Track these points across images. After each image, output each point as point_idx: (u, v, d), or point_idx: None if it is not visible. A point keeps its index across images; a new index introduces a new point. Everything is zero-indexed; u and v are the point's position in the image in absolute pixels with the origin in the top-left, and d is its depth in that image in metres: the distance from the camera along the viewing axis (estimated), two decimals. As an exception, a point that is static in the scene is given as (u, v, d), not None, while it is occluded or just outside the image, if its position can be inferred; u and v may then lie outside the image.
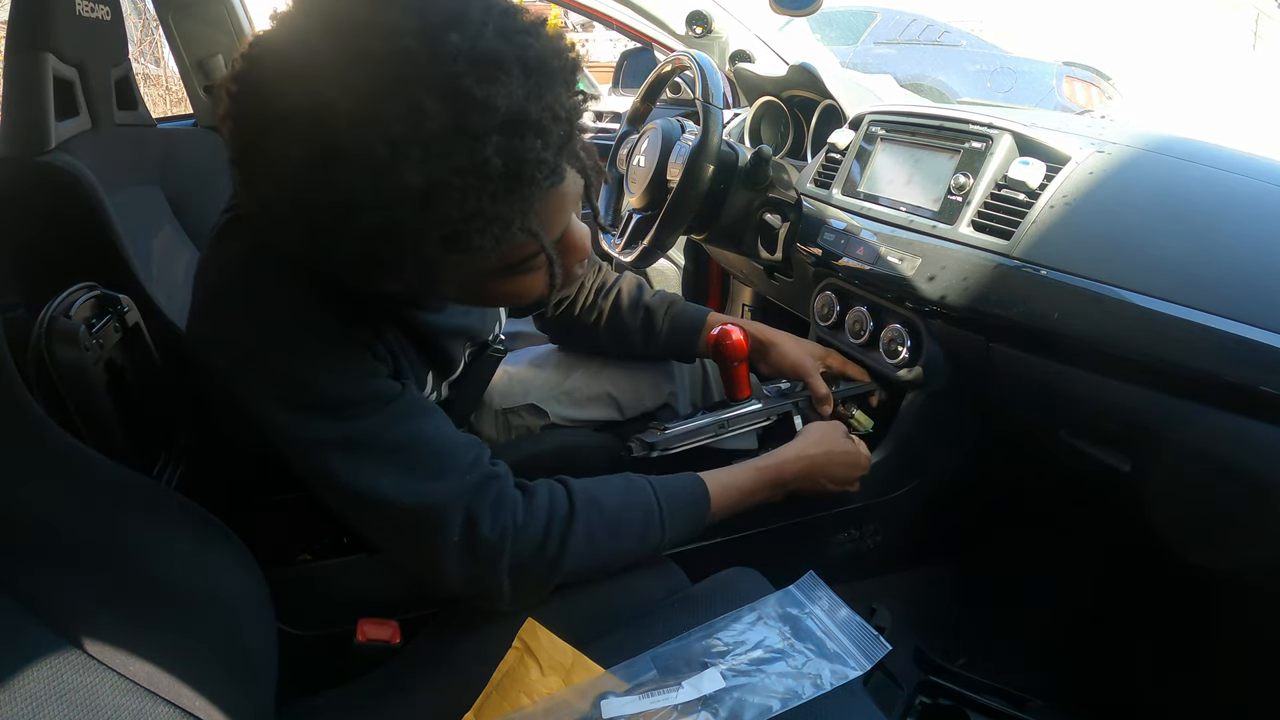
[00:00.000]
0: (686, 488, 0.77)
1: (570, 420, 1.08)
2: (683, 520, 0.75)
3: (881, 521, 1.02)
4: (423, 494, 0.63)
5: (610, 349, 1.08)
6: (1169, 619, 1.02)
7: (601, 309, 1.05)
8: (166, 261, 1.22)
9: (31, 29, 1.02)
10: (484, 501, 0.65)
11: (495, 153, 0.48)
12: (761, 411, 0.96)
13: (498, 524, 0.65)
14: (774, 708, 0.58)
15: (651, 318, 1.03)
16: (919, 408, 0.99)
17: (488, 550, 0.64)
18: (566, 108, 0.52)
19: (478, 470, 0.66)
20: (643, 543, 0.72)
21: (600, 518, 0.69)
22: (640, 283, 1.07)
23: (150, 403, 0.83)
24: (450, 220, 0.50)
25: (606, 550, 0.70)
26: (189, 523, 0.63)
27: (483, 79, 0.47)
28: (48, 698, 0.42)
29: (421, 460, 0.64)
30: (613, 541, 0.70)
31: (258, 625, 0.62)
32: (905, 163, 1.02)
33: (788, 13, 1.44)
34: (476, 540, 0.64)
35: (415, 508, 0.63)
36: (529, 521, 0.66)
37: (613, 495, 0.72)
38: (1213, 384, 0.68)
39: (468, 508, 0.64)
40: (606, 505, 0.70)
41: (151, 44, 4.90)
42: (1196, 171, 0.81)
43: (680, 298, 1.06)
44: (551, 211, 0.58)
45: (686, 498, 0.76)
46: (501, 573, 0.65)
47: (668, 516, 0.73)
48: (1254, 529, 0.74)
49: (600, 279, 1.07)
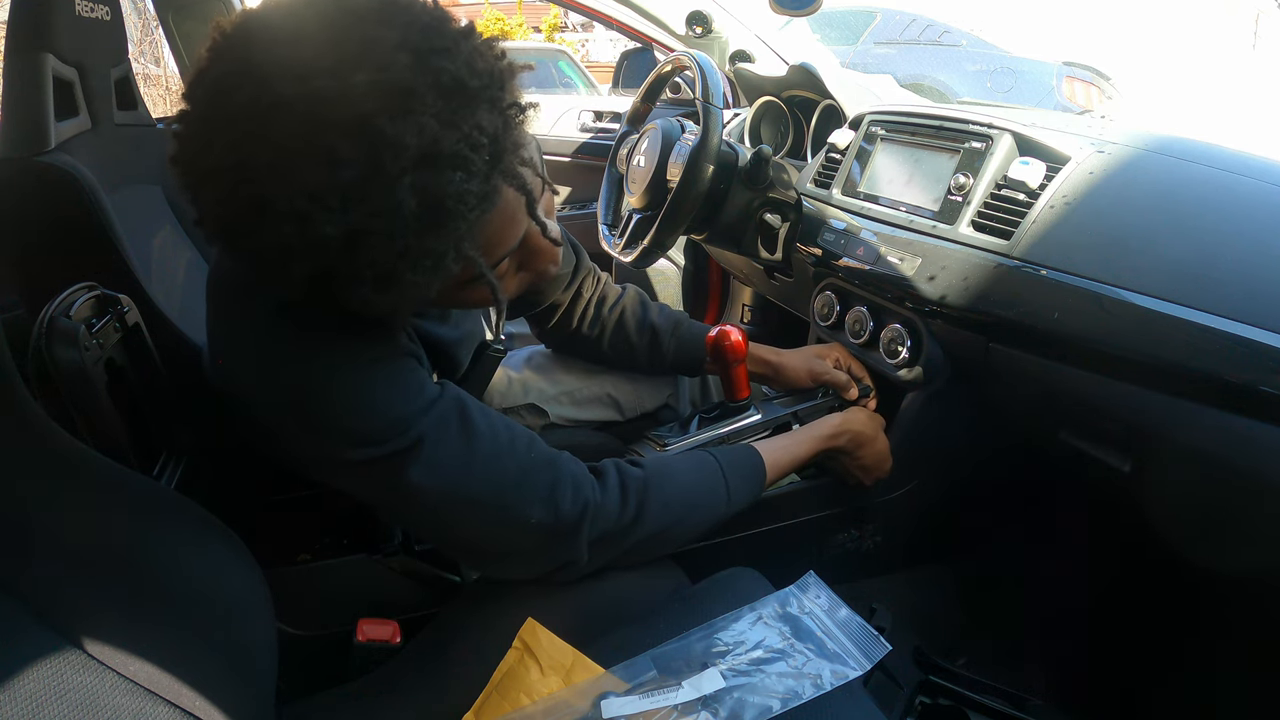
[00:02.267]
0: (743, 453, 0.81)
1: (570, 420, 1.08)
2: (745, 484, 0.78)
3: (881, 521, 1.02)
4: (499, 479, 0.65)
5: (613, 363, 1.08)
6: (1169, 619, 1.02)
7: (605, 325, 1.04)
8: (166, 261, 1.23)
9: (31, 29, 1.02)
10: (560, 479, 0.67)
11: (411, 193, 0.47)
12: (762, 423, 0.96)
13: (578, 499, 0.67)
14: (774, 708, 0.58)
15: (658, 338, 1.03)
16: (919, 408, 0.99)
17: (569, 526, 0.66)
18: (489, 131, 0.50)
19: (538, 450, 0.68)
20: (712, 508, 0.76)
21: (673, 485, 0.73)
22: (645, 299, 1.07)
23: (150, 403, 0.83)
24: (378, 262, 0.49)
25: (680, 515, 0.73)
26: (189, 523, 0.63)
27: (394, 114, 0.46)
28: (48, 698, 0.42)
29: (483, 447, 0.65)
30: (687, 509, 0.74)
31: (258, 625, 0.62)
32: (905, 163, 1.02)
33: (788, 13, 1.44)
34: (559, 517, 0.66)
35: (494, 493, 0.64)
36: (605, 497, 0.69)
37: (681, 464, 0.76)
38: (1213, 384, 0.68)
39: (548, 485, 0.66)
40: (677, 474, 0.74)
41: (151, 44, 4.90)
42: (1196, 171, 0.80)
43: (686, 317, 1.06)
44: (493, 233, 0.56)
45: (746, 462, 0.80)
46: (581, 546, 0.68)
47: (732, 480, 0.77)
48: (1254, 529, 0.74)
49: (601, 292, 1.05)
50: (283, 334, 0.60)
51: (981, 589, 1.13)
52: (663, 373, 1.10)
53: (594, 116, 2.29)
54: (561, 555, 0.68)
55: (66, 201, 0.99)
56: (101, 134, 1.16)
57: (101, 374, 0.74)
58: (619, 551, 0.71)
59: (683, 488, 0.74)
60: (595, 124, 2.28)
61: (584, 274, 1.03)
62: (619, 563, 0.72)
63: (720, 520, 0.77)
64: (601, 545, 0.69)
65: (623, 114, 1.39)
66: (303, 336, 0.60)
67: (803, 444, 0.86)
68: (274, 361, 0.60)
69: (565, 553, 0.68)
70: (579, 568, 0.69)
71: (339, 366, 0.60)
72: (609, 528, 0.69)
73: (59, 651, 0.44)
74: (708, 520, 0.76)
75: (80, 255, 1.01)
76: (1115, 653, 1.04)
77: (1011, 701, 0.91)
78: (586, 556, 0.69)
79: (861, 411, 0.95)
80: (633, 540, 0.71)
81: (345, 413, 0.60)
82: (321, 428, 0.60)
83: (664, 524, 0.72)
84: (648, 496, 0.71)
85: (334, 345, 0.60)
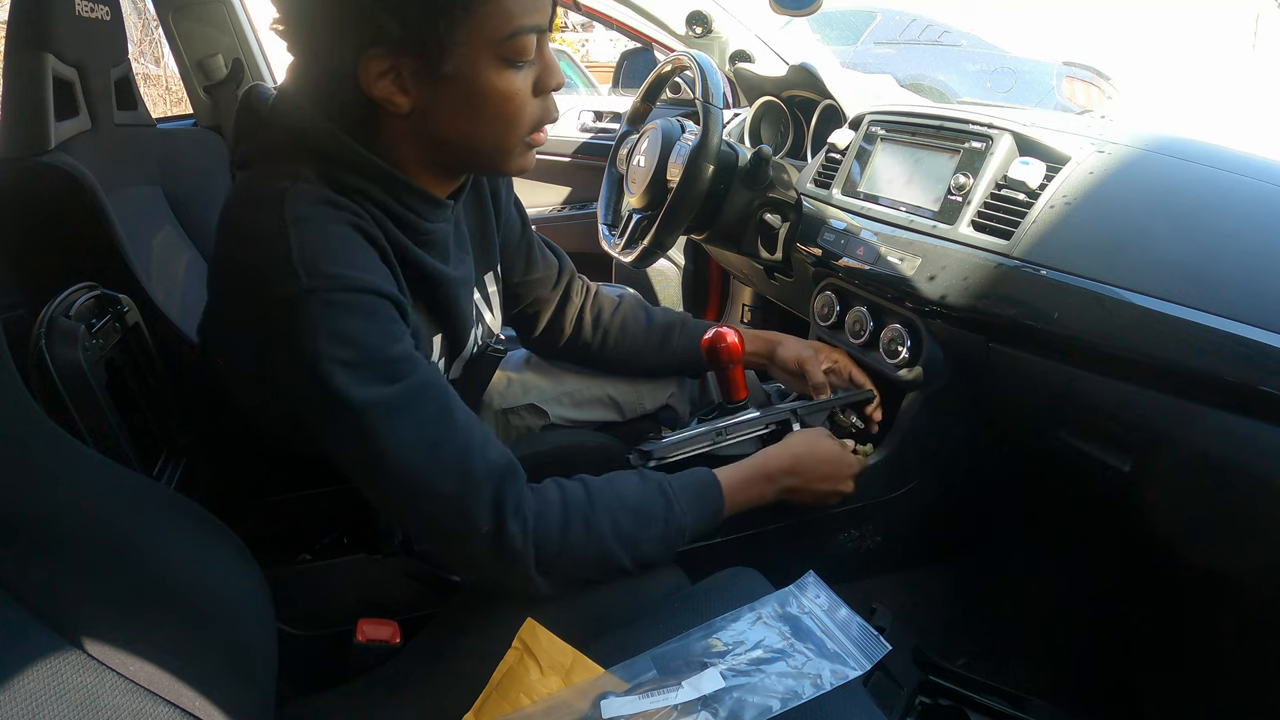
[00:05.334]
0: (695, 476, 0.78)
1: (570, 421, 1.08)
2: (697, 504, 0.75)
3: (881, 521, 1.02)
4: (459, 470, 0.63)
5: (616, 368, 1.08)
6: (1169, 619, 1.02)
7: (608, 330, 1.04)
8: (166, 261, 1.23)
9: (31, 29, 1.02)
10: (510, 492, 0.65)
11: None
12: (759, 419, 0.95)
13: (520, 517, 0.65)
14: (774, 708, 0.58)
15: (668, 336, 1.04)
16: (919, 408, 0.99)
17: (514, 545, 0.65)
18: None
19: (502, 454, 0.67)
20: (667, 524, 0.72)
21: (619, 501, 0.70)
22: (645, 304, 1.07)
23: (150, 403, 0.83)
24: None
25: (631, 532, 0.70)
26: (189, 523, 0.63)
27: None
28: (48, 698, 0.42)
29: (452, 434, 0.64)
30: (637, 525, 0.71)
31: (258, 625, 0.62)
32: (905, 163, 1.02)
33: (788, 13, 1.44)
34: (504, 534, 0.64)
35: (450, 488, 0.63)
36: (545, 512, 0.67)
37: (629, 484, 0.73)
38: (1213, 384, 0.68)
39: (497, 496, 0.64)
40: (625, 493, 0.72)
41: (151, 44, 4.90)
42: (1197, 171, 0.80)
43: (689, 316, 1.07)
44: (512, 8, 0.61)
45: (696, 484, 0.77)
46: (529, 565, 0.66)
47: (681, 496, 0.74)
48: (1253, 529, 0.74)
49: (597, 301, 1.05)
50: (286, 243, 0.60)
51: (981, 589, 1.13)
52: (668, 374, 1.09)
53: (594, 116, 2.29)
54: (510, 574, 0.66)
55: (66, 201, 1.00)
56: (101, 134, 1.16)
57: (101, 374, 0.74)
58: (571, 569, 0.68)
59: (634, 505, 0.71)
60: (595, 124, 2.28)
61: (569, 275, 1.02)
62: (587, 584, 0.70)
63: (675, 539, 0.73)
64: (549, 565, 0.67)
65: (623, 114, 1.39)
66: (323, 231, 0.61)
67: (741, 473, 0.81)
68: (278, 275, 0.59)
69: (514, 572, 0.66)
70: (537, 588, 0.67)
71: (355, 273, 0.61)
72: (552, 545, 0.66)
73: (59, 651, 0.44)
74: (662, 539, 0.72)
75: (80, 255, 1.01)
76: (1115, 652, 1.04)
77: (1011, 701, 0.91)
78: (540, 578, 0.66)
79: (796, 433, 0.91)
80: (577, 556, 0.68)
81: (332, 335, 0.60)
82: (309, 349, 0.59)
83: (610, 544, 0.69)
84: (593, 514, 0.69)
85: (354, 262, 0.61)
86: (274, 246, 0.59)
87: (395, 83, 0.62)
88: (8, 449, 0.50)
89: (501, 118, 0.65)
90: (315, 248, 0.60)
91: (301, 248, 0.59)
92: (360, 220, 0.64)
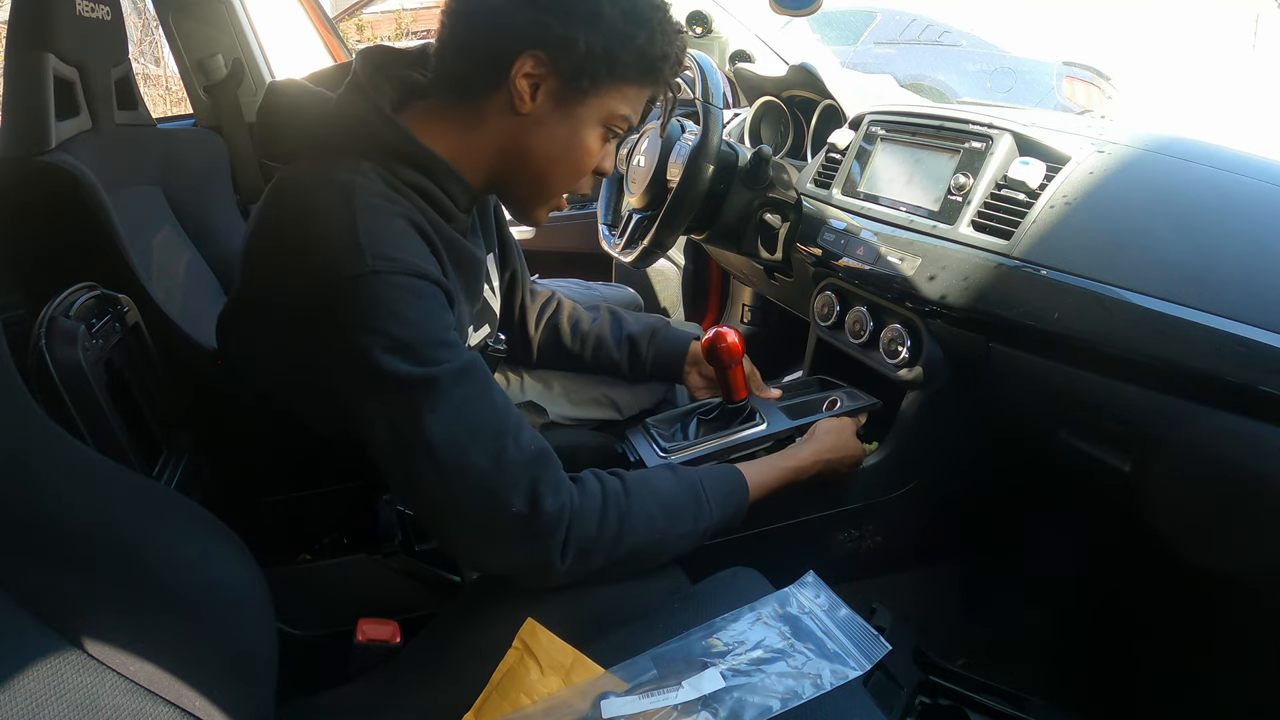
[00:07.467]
0: (725, 476, 0.81)
1: (569, 419, 1.08)
2: (724, 505, 0.78)
3: (881, 521, 1.02)
4: (495, 451, 0.65)
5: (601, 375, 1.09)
6: (1169, 619, 1.02)
7: (585, 341, 1.06)
8: (166, 261, 1.23)
9: (32, 29, 1.02)
10: (547, 474, 0.67)
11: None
12: (767, 435, 0.95)
13: (558, 499, 0.66)
14: (774, 708, 0.58)
15: (636, 348, 1.05)
16: (919, 408, 0.99)
17: (546, 524, 0.66)
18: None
19: (536, 440, 0.68)
20: (695, 523, 0.75)
21: (655, 497, 0.72)
22: (620, 313, 1.08)
23: (150, 403, 0.83)
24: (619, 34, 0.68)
25: (663, 529, 0.72)
26: (189, 522, 0.63)
27: None
28: (48, 698, 0.42)
29: (492, 418, 0.66)
30: (670, 523, 0.73)
31: (258, 625, 0.62)
32: (905, 163, 1.02)
33: (788, 13, 1.44)
34: (538, 512, 0.65)
35: (486, 467, 0.64)
36: (585, 503, 0.68)
37: (663, 479, 0.75)
38: (1213, 384, 0.68)
39: (533, 477, 0.66)
40: (659, 487, 0.74)
41: (151, 44, 4.89)
42: (1197, 171, 0.80)
43: (665, 323, 1.07)
44: (633, 94, 0.74)
45: (725, 485, 0.79)
46: (556, 548, 0.67)
47: (712, 496, 0.76)
48: (1254, 529, 0.74)
49: (573, 314, 1.07)
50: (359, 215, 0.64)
51: (981, 589, 1.13)
52: (645, 380, 1.10)
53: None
54: (535, 553, 0.66)
55: (67, 201, 1.00)
56: (102, 134, 1.16)
57: (101, 374, 0.74)
58: (599, 562, 0.69)
59: (666, 499, 0.73)
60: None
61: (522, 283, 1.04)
62: (599, 578, 0.71)
63: (699, 538, 0.75)
64: (579, 554, 0.67)
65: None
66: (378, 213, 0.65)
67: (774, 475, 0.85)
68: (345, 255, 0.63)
69: (539, 551, 0.66)
70: (555, 573, 0.67)
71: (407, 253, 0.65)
72: (588, 534, 0.67)
73: (59, 651, 0.44)
74: (690, 534, 0.74)
75: (80, 255, 1.01)
76: (1115, 653, 1.04)
77: (1011, 701, 0.91)
78: (562, 564, 0.67)
79: (828, 431, 0.93)
80: (608, 550, 0.69)
81: (390, 314, 0.63)
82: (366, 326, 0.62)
83: (642, 538, 0.71)
84: (629, 508, 0.70)
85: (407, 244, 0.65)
86: (342, 229, 0.63)
87: (532, 87, 0.70)
88: (8, 449, 0.50)
89: (574, 164, 0.75)
90: (380, 233, 0.64)
91: (369, 232, 0.63)
92: (414, 215, 0.68)
